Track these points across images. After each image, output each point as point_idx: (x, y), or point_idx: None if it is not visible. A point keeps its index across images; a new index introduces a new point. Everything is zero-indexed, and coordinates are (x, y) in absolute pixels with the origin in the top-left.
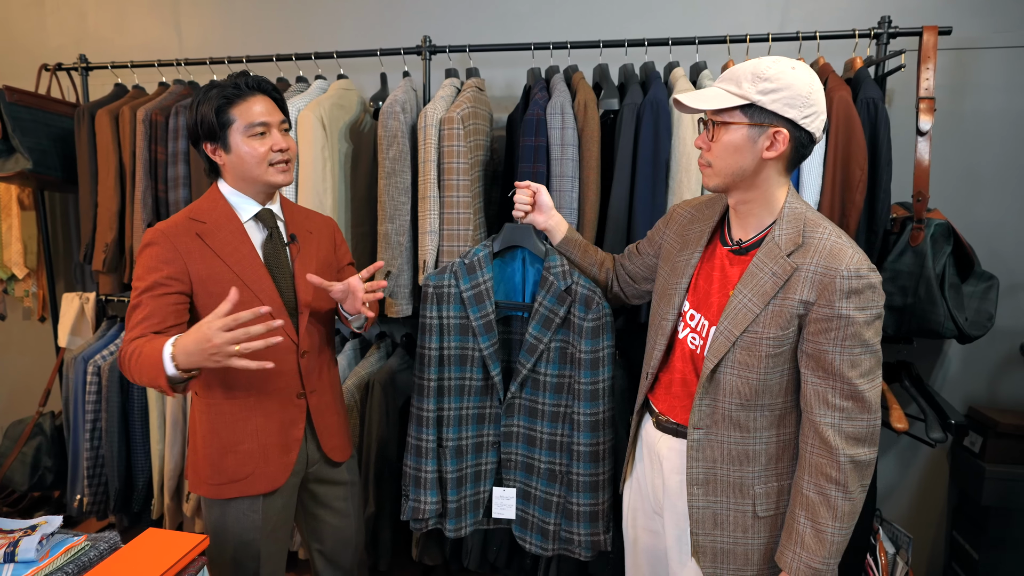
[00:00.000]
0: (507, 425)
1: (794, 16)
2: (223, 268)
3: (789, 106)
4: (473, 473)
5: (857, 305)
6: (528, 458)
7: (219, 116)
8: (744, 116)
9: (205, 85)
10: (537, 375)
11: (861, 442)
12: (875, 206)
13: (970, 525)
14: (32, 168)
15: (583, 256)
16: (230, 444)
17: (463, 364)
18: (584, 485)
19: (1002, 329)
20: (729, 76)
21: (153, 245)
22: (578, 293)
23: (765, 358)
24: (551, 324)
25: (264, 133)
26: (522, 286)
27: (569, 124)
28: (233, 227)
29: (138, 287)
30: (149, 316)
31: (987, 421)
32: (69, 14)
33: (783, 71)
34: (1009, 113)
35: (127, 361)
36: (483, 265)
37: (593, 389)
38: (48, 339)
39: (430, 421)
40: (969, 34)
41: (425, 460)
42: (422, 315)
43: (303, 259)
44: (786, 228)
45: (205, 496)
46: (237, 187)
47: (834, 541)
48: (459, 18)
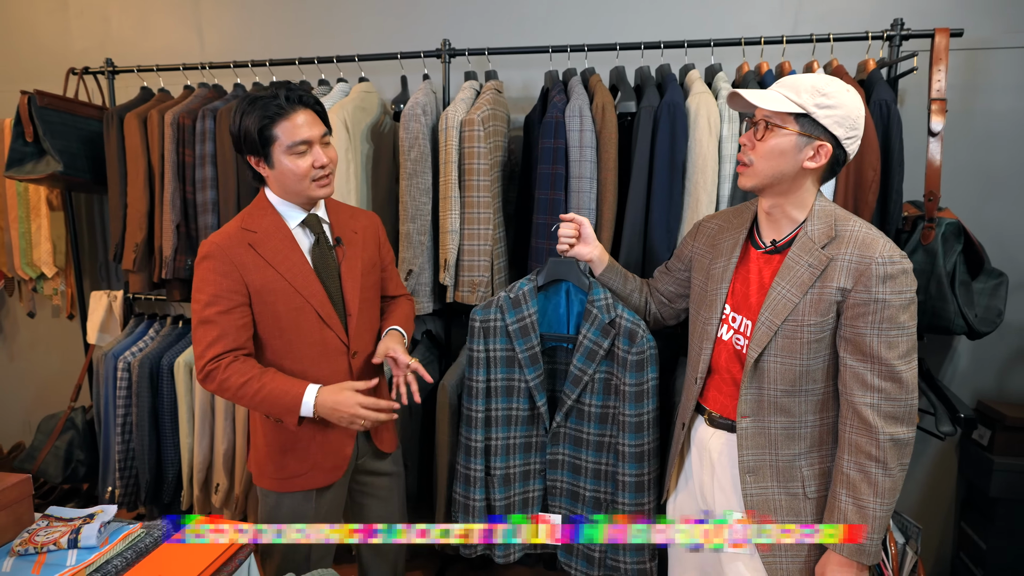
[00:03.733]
0: (552, 453)
1: (807, 17)
2: (276, 277)
3: (839, 124)
4: (520, 500)
5: (893, 289)
6: (573, 486)
7: (262, 133)
8: (796, 124)
9: (246, 96)
10: (582, 405)
11: (900, 421)
12: (887, 206)
13: (978, 516)
14: (63, 170)
15: (623, 284)
16: (290, 443)
17: (510, 395)
18: (630, 514)
19: (1011, 325)
20: (789, 84)
21: (210, 259)
22: (622, 326)
23: (806, 344)
24: (595, 356)
25: (306, 151)
26: (567, 317)
27: (587, 126)
28: (282, 235)
29: (201, 300)
30: (223, 336)
31: (995, 415)
32: (93, 18)
33: (840, 91)
34: (1020, 112)
35: (230, 390)
36: (528, 299)
37: (638, 421)
38: (75, 336)
39: (478, 451)
40: (980, 35)
41: (474, 489)
42: (469, 348)
43: (349, 261)
44: (818, 223)
45: (269, 489)
46: (282, 196)
47: (876, 516)
48: (476, 20)
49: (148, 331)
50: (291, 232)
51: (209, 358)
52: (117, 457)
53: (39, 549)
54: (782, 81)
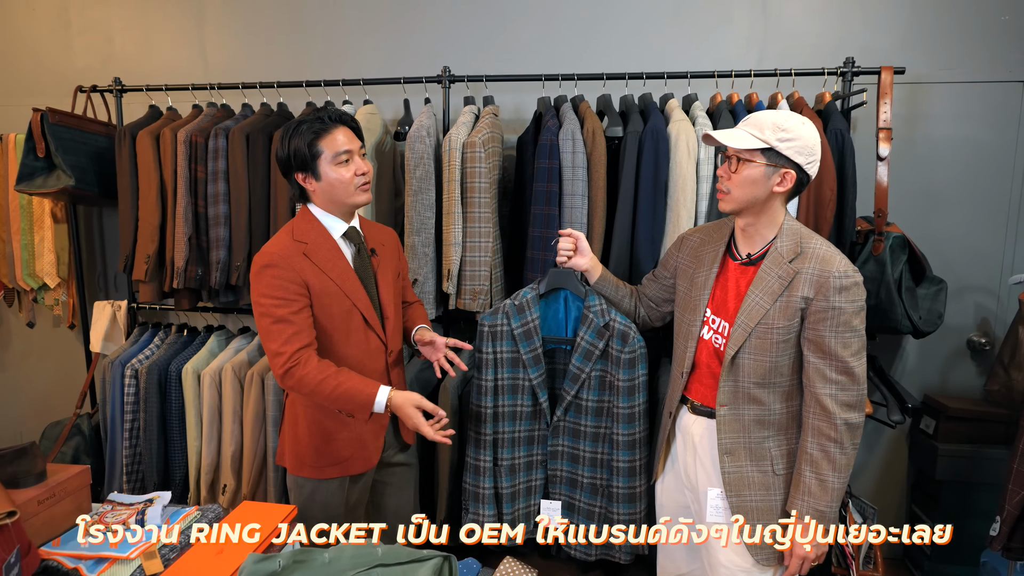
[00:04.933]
0: (553, 445)
1: (771, 52)
2: (328, 282)
3: (799, 153)
4: (525, 488)
5: (847, 299)
6: (572, 474)
7: (310, 149)
8: (763, 157)
9: (290, 122)
10: (580, 400)
11: (853, 408)
12: (843, 221)
13: (926, 498)
14: (74, 185)
15: (615, 291)
16: (332, 432)
17: (515, 393)
18: (624, 496)
19: (950, 326)
20: (753, 122)
21: (273, 267)
22: (616, 329)
23: (775, 344)
24: (592, 356)
25: (348, 160)
26: (565, 322)
27: (579, 149)
28: (330, 245)
29: (271, 303)
30: (299, 332)
31: (939, 406)
32: (96, 36)
33: (797, 124)
34: (955, 139)
35: (308, 386)
36: (531, 306)
37: (630, 412)
38: (75, 345)
39: (487, 444)
40: (921, 71)
41: (483, 478)
42: (478, 351)
43: (383, 269)
44: (787, 241)
45: (309, 477)
46: (326, 209)
47: (834, 488)
48: (472, 48)
49: (153, 339)
50: (336, 243)
51: (290, 353)
52: (124, 461)
53: (110, 528)
54: (747, 119)
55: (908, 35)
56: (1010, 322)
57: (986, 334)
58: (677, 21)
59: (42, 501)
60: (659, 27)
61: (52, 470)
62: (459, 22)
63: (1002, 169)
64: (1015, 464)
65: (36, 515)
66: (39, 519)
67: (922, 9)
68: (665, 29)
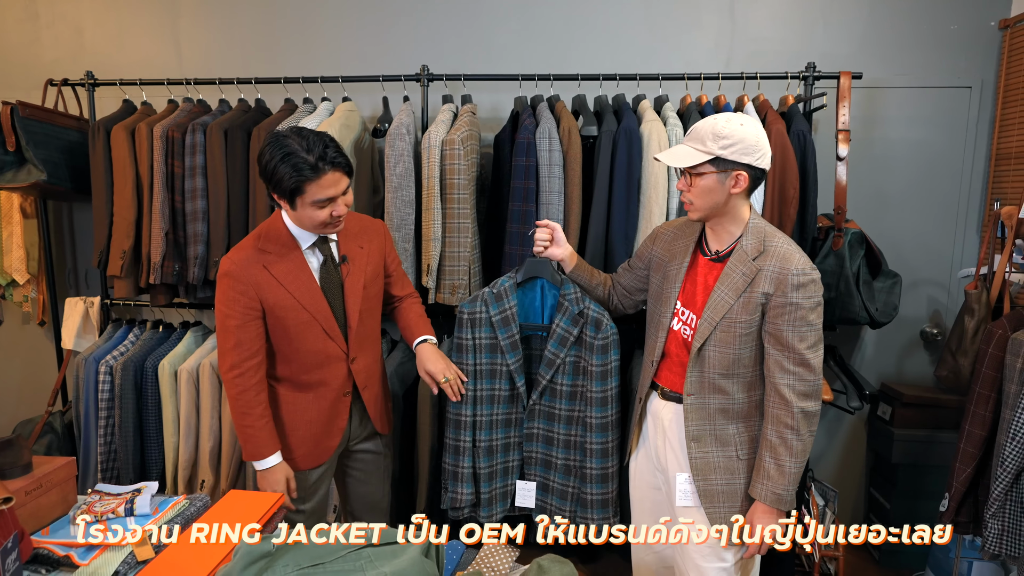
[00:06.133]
0: (528, 427)
1: (737, 56)
2: (286, 295)
3: (744, 154)
4: (502, 469)
5: (803, 295)
6: (547, 455)
7: (295, 186)
8: (712, 167)
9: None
10: (555, 385)
11: (809, 397)
12: (805, 218)
13: (883, 481)
14: (46, 180)
15: (590, 278)
16: (288, 430)
17: (493, 377)
18: (596, 477)
19: (905, 318)
20: (694, 135)
21: (229, 276)
22: (590, 316)
23: (738, 337)
24: (567, 342)
25: (327, 204)
26: (541, 309)
27: (555, 147)
28: (293, 256)
29: (222, 311)
30: (239, 344)
31: (895, 394)
32: (65, 29)
33: (735, 128)
34: (909, 141)
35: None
36: (508, 294)
37: (603, 396)
38: (44, 342)
39: (467, 425)
40: (877, 76)
41: (462, 458)
42: (458, 337)
43: (353, 277)
44: (751, 239)
45: None
46: (297, 224)
47: (791, 472)
48: (450, 47)
49: (128, 336)
50: (302, 254)
51: (231, 361)
52: (99, 458)
53: (99, 518)
54: (690, 132)
55: (865, 42)
56: None
57: (937, 325)
58: (649, 25)
59: (29, 492)
60: (632, 30)
61: (38, 462)
62: (438, 22)
63: (951, 170)
64: (962, 444)
65: (23, 506)
66: (26, 509)
67: (879, 18)
68: (638, 32)
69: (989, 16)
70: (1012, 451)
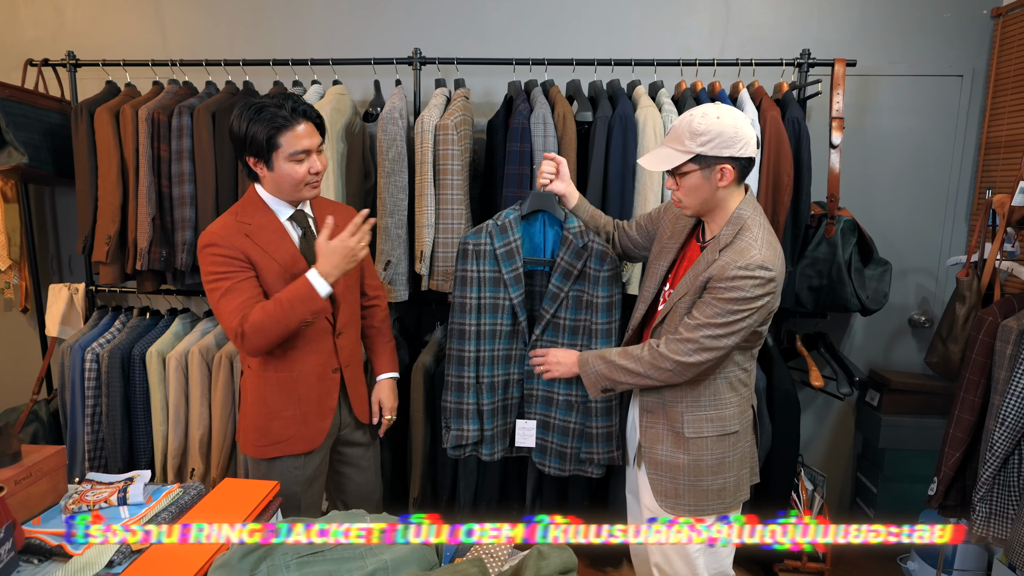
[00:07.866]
0: (530, 364)
1: (732, 42)
2: (271, 262)
3: (724, 147)
4: (502, 406)
5: (730, 285)
6: (548, 392)
7: (268, 140)
8: (695, 164)
9: (251, 102)
10: (557, 319)
11: (671, 353)
12: (799, 206)
13: (870, 466)
14: (28, 163)
15: (591, 219)
16: (276, 411)
17: (495, 312)
18: (601, 411)
19: (894, 305)
20: (673, 136)
21: (214, 245)
22: (594, 249)
23: (683, 317)
24: (570, 276)
25: (304, 159)
26: (543, 244)
27: (550, 133)
28: (274, 227)
29: (216, 275)
30: (249, 299)
31: (883, 380)
32: (44, 7)
33: (712, 123)
34: (901, 129)
35: (263, 325)
36: (513, 226)
37: (607, 328)
38: (28, 330)
39: (471, 360)
40: (871, 63)
41: (467, 394)
42: (461, 269)
43: None
44: (728, 230)
45: (253, 456)
46: (275, 194)
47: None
48: (443, 30)
49: (114, 323)
50: (282, 224)
51: (240, 316)
52: (87, 447)
53: (91, 507)
54: (669, 132)
55: (859, 30)
56: (947, 301)
57: (925, 312)
58: (644, 10)
59: (19, 481)
60: (627, 15)
61: (27, 451)
62: (431, 4)
63: (942, 158)
64: (951, 429)
65: (13, 495)
66: (16, 499)
67: (872, 6)
68: (633, 17)
69: (982, 5)
70: (1000, 436)
